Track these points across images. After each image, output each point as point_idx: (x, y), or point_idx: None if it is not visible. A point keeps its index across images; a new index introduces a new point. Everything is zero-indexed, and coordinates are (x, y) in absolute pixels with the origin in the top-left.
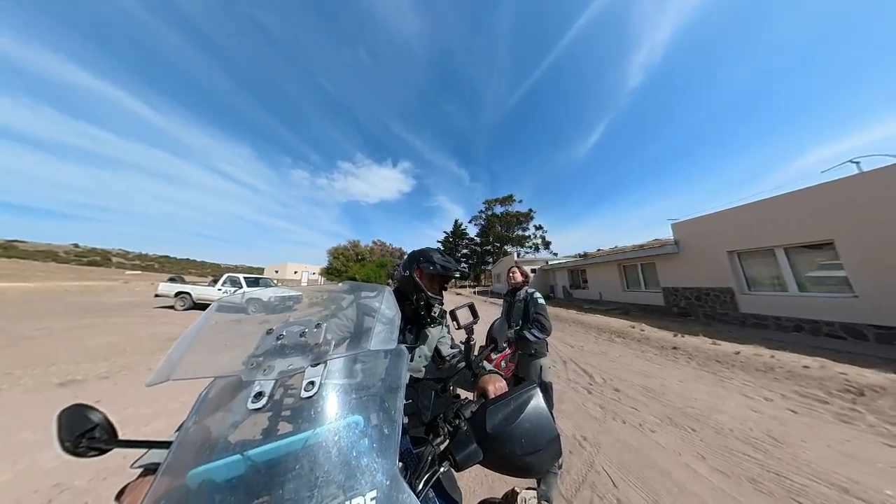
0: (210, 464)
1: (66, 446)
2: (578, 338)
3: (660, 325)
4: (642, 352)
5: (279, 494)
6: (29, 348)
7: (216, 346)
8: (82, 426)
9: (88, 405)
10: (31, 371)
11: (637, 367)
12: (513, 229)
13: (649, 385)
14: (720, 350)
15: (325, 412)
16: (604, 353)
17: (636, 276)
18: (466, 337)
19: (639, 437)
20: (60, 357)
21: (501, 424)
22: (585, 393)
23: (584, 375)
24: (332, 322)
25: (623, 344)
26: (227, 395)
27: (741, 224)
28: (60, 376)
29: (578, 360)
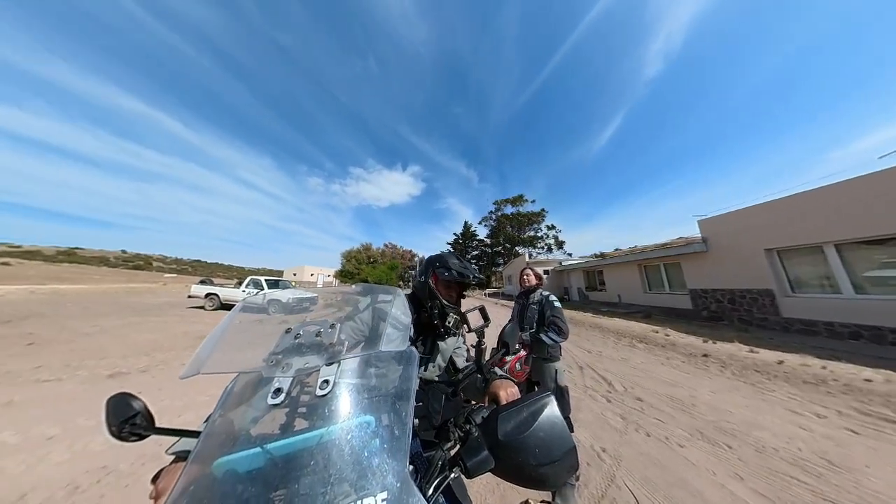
0: (233, 455)
1: (112, 430)
2: (596, 342)
3: (687, 329)
4: (667, 359)
5: (295, 489)
6: (85, 343)
7: (240, 343)
8: (126, 413)
9: (132, 394)
10: (86, 364)
11: (662, 375)
12: (524, 230)
13: (676, 395)
14: (759, 359)
15: (339, 411)
16: (624, 359)
17: (659, 277)
18: (477, 341)
19: (665, 451)
20: (109, 352)
21: (514, 432)
22: (604, 401)
23: (602, 382)
24: (346, 323)
25: (645, 350)
26: (249, 390)
27: (782, 219)
28: (109, 369)
29: (596, 365)
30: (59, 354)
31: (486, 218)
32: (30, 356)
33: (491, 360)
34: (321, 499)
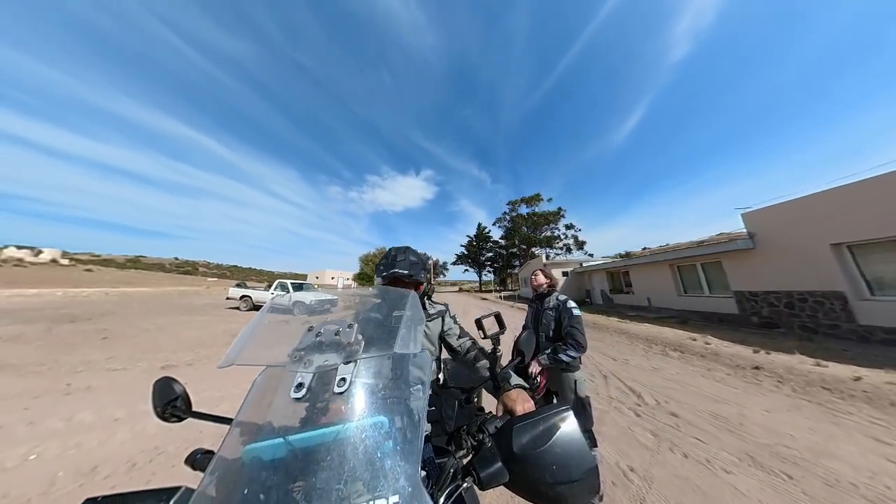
0: (259, 443)
1: (157, 411)
2: (622, 350)
3: (732, 337)
4: (708, 370)
5: (312, 482)
6: (145, 338)
7: (268, 340)
8: (168, 395)
9: (174, 378)
10: (146, 356)
11: (702, 388)
12: (540, 230)
13: (720, 412)
14: (828, 373)
15: (354, 409)
16: (655, 369)
17: (695, 278)
18: (493, 347)
19: (707, 476)
20: (163, 346)
21: (529, 446)
22: (632, 415)
23: (630, 394)
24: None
25: (681, 359)
26: (274, 383)
27: (853, 208)
28: (163, 362)
29: (623, 375)
30: (125, 347)
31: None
32: (104, 348)
33: (506, 368)
34: (335, 495)
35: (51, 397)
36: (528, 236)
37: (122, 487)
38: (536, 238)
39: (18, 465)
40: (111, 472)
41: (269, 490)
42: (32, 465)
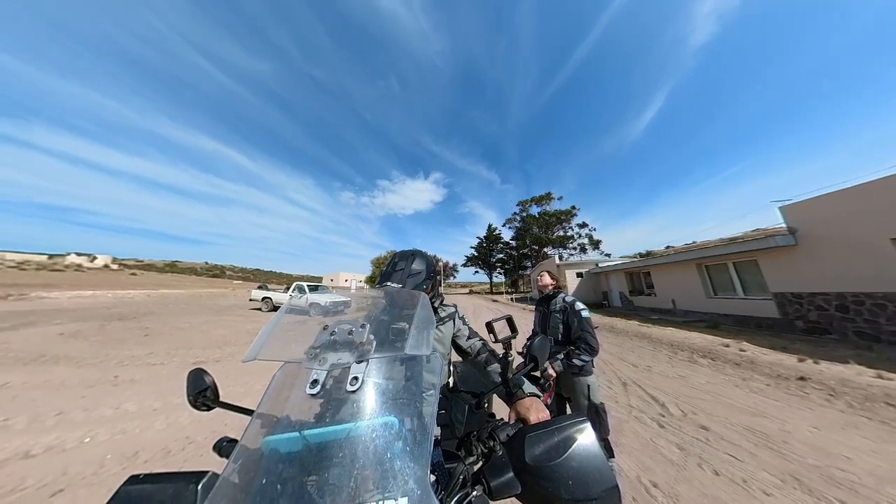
0: (277, 436)
1: (190, 399)
2: (644, 355)
3: (772, 344)
4: (743, 380)
5: (325, 477)
6: (180, 336)
7: (286, 339)
8: (200, 385)
9: (205, 370)
10: (180, 352)
11: (736, 399)
12: (552, 230)
13: (758, 427)
14: (894, 388)
15: (365, 407)
16: (681, 377)
17: (727, 278)
18: (504, 352)
19: (742, 498)
20: (195, 343)
21: (543, 457)
22: (655, 426)
23: (652, 403)
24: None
25: (712, 367)
26: (291, 379)
27: None
28: (194, 357)
29: (644, 383)
30: (163, 344)
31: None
32: (145, 344)
33: (518, 373)
34: (347, 492)
35: (102, 387)
36: (539, 236)
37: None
38: (548, 238)
39: (76, 447)
40: (150, 457)
41: (286, 482)
42: (87, 447)
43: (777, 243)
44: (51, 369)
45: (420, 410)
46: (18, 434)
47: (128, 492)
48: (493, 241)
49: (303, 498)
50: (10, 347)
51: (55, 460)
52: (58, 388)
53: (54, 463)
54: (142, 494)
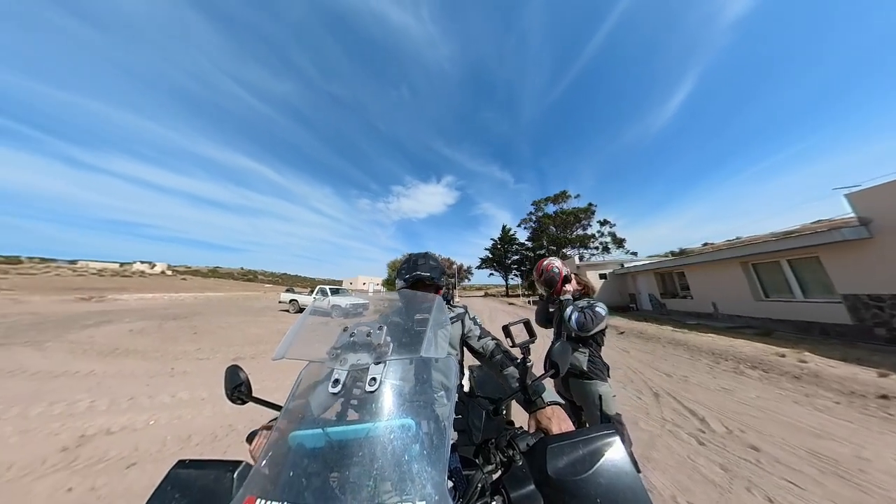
0: (303, 431)
1: (227, 393)
2: (680, 364)
3: (843, 355)
4: (806, 396)
5: (346, 475)
6: (222, 334)
7: (310, 339)
8: (235, 381)
9: (240, 367)
10: (222, 349)
11: (795, 418)
12: (570, 229)
13: (825, 451)
14: None
15: (384, 408)
16: (725, 389)
17: (780, 278)
18: (522, 357)
19: None
20: (235, 341)
21: (567, 471)
22: (693, 443)
23: (689, 417)
24: (391, 326)
25: (763, 380)
26: (315, 377)
27: None
28: (234, 354)
29: (680, 394)
30: (208, 341)
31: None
32: (194, 341)
33: (537, 380)
34: (366, 491)
35: (161, 378)
36: (556, 236)
37: (207, 454)
38: (567, 238)
39: (143, 428)
40: (200, 441)
41: (311, 476)
42: (152, 429)
43: (845, 237)
44: (123, 360)
45: (436, 414)
46: (102, 414)
47: (177, 474)
48: (508, 243)
49: (325, 493)
50: (94, 341)
51: (129, 438)
52: (128, 376)
53: (128, 440)
54: (188, 478)
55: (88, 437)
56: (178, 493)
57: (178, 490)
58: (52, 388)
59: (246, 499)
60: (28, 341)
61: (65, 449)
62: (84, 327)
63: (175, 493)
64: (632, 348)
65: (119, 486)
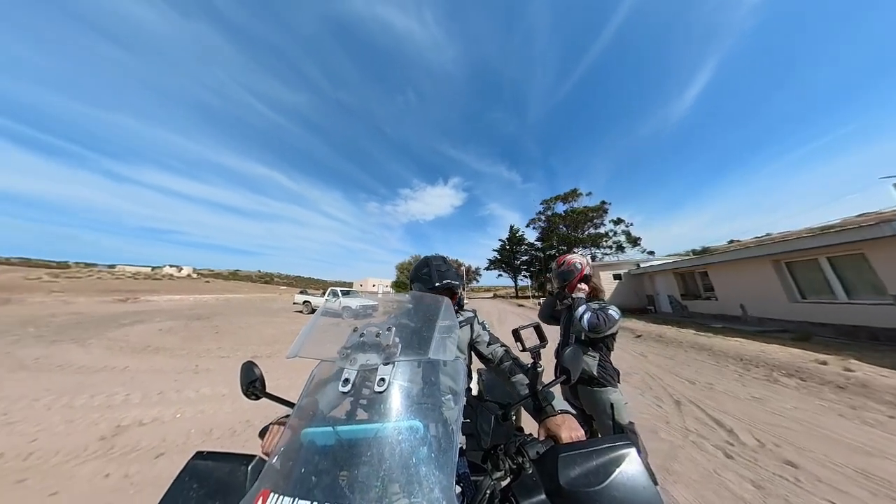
0: (314, 428)
1: (242, 388)
2: (703, 370)
3: (894, 363)
4: (852, 408)
5: (355, 474)
6: (241, 334)
7: (322, 339)
8: (250, 377)
9: (255, 363)
10: (241, 347)
11: (840, 432)
12: (582, 228)
13: (877, 471)
14: None
15: (391, 409)
16: (756, 399)
17: (819, 277)
18: (532, 362)
19: None
20: (252, 340)
21: (580, 481)
22: (720, 456)
23: (716, 428)
24: (400, 328)
25: (801, 389)
26: (326, 376)
27: None
28: (252, 352)
29: (704, 403)
30: (229, 340)
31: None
32: (216, 340)
33: (548, 387)
34: (374, 492)
35: (187, 374)
36: (567, 236)
37: (226, 447)
38: (578, 237)
39: (171, 420)
40: (220, 434)
41: (321, 474)
42: (178, 421)
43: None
44: (153, 357)
45: (444, 417)
46: (135, 406)
47: (195, 465)
48: (517, 243)
49: (335, 491)
50: (129, 339)
51: (158, 429)
52: (158, 372)
53: (157, 431)
54: (205, 469)
55: (123, 427)
56: (195, 484)
57: (195, 480)
58: (94, 381)
59: (261, 491)
60: (74, 338)
61: (103, 438)
62: (120, 326)
63: (193, 484)
64: (650, 353)
65: (149, 473)
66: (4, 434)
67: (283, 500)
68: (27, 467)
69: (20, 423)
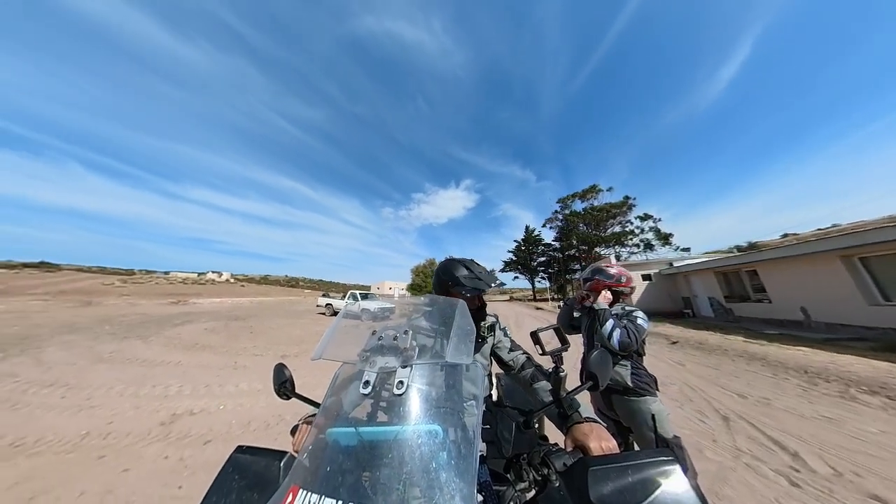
0: (338, 428)
1: (274, 388)
2: (756, 383)
3: None
4: None
5: (377, 475)
6: (272, 335)
7: (344, 341)
8: (281, 378)
9: (285, 364)
10: (272, 347)
11: None
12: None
13: None
14: None
15: (411, 412)
16: (828, 419)
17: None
18: (554, 367)
19: None
20: (281, 341)
21: (614, 499)
22: (783, 483)
23: (775, 450)
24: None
25: (890, 409)
26: (348, 377)
27: None
28: (282, 352)
29: (759, 420)
30: (261, 340)
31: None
32: (251, 339)
33: (573, 393)
34: (396, 495)
35: (227, 370)
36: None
37: (261, 439)
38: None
39: (215, 412)
40: (257, 427)
41: (345, 473)
42: (221, 413)
43: None
44: (200, 354)
45: (464, 422)
46: (186, 397)
47: (237, 458)
48: (533, 244)
49: (358, 491)
50: (181, 337)
51: (205, 419)
52: (204, 367)
53: (205, 421)
54: (245, 462)
55: (178, 415)
56: (237, 475)
57: (237, 472)
58: (154, 373)
59: (291, 487)
60: (139, 336)
61: (162, 424)
62: (174, 326)
63: (235, 475)
64: (689, 361)
65: (200, 458)
66: (89, 416)
67: (311, 496)
68: (105, 445)
69: (100, 408)
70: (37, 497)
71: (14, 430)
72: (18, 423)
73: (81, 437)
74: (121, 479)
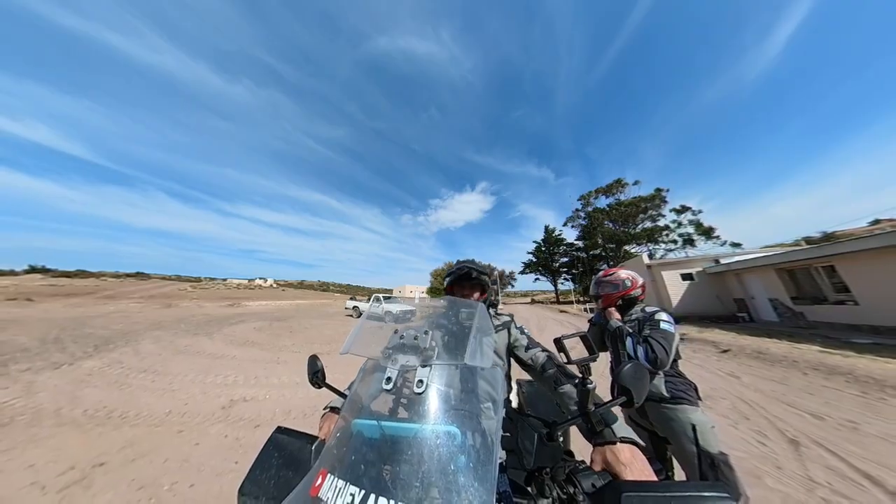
0: (363, 420)
1: (308, 377)
2: (837, 403)
3: None
4: None
5: (396, 470)
6: (307, 334)
7: (369, 339)
8: (314, 368)
9: (317, 356)
10: (307, 345)
11: None
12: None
13: None
14: None
15: (429, 411)
16: None
17: None
18: (581, 378)
19: None
20: (315, 340)
21: None
22: None
23: (864, 486)
24: (437, 331)
25: None
26: (372, 373)
27: None
28: (316, 349)
29: (843, 447)
30: (299, 338)
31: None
32: (290, 338)
33: (605, 406)
34: (415, 492)
35: (272, 364)
36: (614, 232)
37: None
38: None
39: (263, 400)
40: (297, 415)
41: (369, 464)
42: (268, 402)
43: None
44: (250, 349)
45: (483, 427)
46: (241, 386)
47: (277, 438)
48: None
49: (380, 483)
50: (236, 334)
51: (255, 406)
52: (254, 361)
53: (254, 408)
54: (283, 442)
55: (234, 401)
56: (276, 453)
57: (276, 451)
58: (216, 365)
59: (320, 470)
60: (206, 333)
61: (223, 408)
62: (231, 324)
63: (275, 453)
64: (744, 373)
65: (251, 439)
66: (171, 398)
67: (338, 482)
68: (182, 423)
69: (178, 392)
70: (137, 459)
71: (122, 405)
72: (124, 400)
73: (166, 414)
74: (194, 450)
